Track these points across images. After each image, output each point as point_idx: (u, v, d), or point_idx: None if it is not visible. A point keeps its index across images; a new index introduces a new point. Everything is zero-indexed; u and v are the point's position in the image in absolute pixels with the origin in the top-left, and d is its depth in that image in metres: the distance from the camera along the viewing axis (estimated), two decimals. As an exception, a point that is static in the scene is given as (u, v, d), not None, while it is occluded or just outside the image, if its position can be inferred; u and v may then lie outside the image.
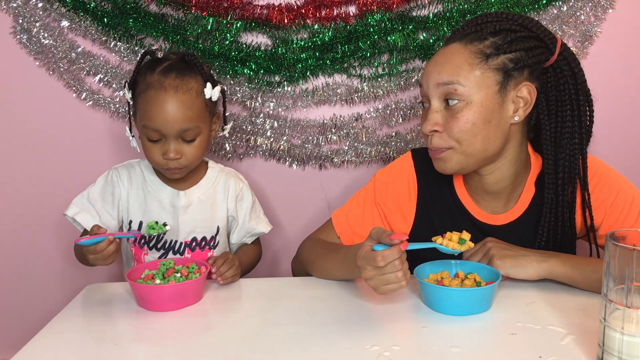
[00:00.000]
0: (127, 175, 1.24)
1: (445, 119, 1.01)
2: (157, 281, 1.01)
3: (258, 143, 1.52)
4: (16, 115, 1.51)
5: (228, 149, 1.53)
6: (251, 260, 1.31)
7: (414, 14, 1.46)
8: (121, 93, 1.48)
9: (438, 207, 1.14)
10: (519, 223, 1.10)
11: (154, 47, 1.45)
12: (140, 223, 1.22)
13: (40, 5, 1.44)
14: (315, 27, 1.45)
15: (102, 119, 1.50)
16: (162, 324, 0.93)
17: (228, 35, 1.44)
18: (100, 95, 1.49)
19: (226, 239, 1.30)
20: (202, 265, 1.06)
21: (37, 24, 1.44)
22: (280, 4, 1.44)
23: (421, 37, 1.46)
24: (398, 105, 1.51)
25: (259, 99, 1.50)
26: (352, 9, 1.46)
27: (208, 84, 1.16)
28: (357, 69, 1.49)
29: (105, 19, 1.43)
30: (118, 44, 1.46)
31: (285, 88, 1.50)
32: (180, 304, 0.99)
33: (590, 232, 1.07)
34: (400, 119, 1.51)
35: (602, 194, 1.05)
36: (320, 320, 0.92)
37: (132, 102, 1.18)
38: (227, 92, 1.48)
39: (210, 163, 1.30)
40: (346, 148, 1.53)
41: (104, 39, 1.45)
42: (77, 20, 1.44)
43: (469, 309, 0.93)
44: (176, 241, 1.23)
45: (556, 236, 1.07)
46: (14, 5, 1.44)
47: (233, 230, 1.31)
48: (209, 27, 1.44)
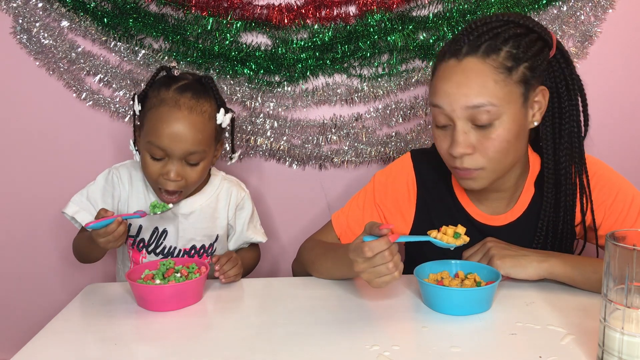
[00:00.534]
0: (128, 177, 1.23)
1: (476, 139, 0.97)
2: (157, 281, 1.01)
3: (258, 143, 1.52)
4: (16, 115, 1.51)
5: (228, 149, 1.53)
6: (249, 263, 1.30)
7: (414, 14, 1.46)
8: (121, 93, 1.48)
9: (437, 208, 1.14)
10: (519, 224, 1.10)
11: (154, 47, 1.46)
12: (140, 227, 1.21)
13: (40, 5, 1.44)
14: (315, 27, 1.45)
15: (102, 119, 1.50)
16: (162, 324, 0.93)
17: (228, 35, 1.44)
18: (100, 95, 1.49)
19: (225, 245, 1.29)
20: (202, 265, 1.06)
21: (37, 24, 1.44)
22: (280, 4, 1.44)
23: (421, 37, 1.46)
24: (398, 105, 1.51)
25: (259, 99, 1.50)
26: (352, 9, 1.46)
27: (221, 109, 1.15)
28: (357, 69, 1.49)
29: (105, 19, 1.43)
30: (118, 44, 1.46)
31: (285, 88, 1.50)
32: (180, 304, 0.99)
33: (589, 232, 1.07)
34: (400, 119, 1.51)
35: (602, 195, 1.05)
36: (320, 320, 0.92)
37: (139, 114, 1.15)
38: (227, 92, 1.48)
39: (213, 170, 1.28)
40: (346, 148, 1.53)
41: (104, 39, 1.45)
42: (77, 20, 1.44)
43: (469, 309, 0.93)
44: (175, 247, 1.23)
45: (555, 236, 1.07)
46: (14, 5, 1.44)
47: (230, 238, 1.30)
48: (209, 27, 1.44)
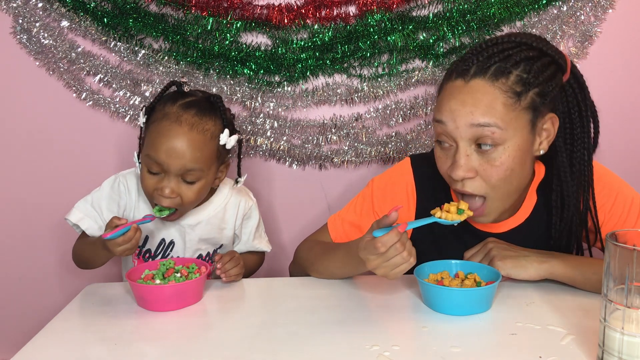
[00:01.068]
0: (135, 186, 1.20)
1: (479, 163, 0.94)
2: (157, 281, 1.01)
3: (258, 143, 1.52)
4: (16, 115, 1.51)
5: (228, 149, 1.53)
6: (251, 267, 1.29)
7: (414, 14, 1.46)
8: (121, 93, 1.48)
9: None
10: (521, 230, 1.09)
11: (154, 47, 1.46)
12: (147, 237, 1.19)
13: (40, 5, 1.44)
14: (315, 27, 1.45)
15: (102, 119, 1.50)
16: (162, 324, 0.93)
17: (228, 35, 1.44)
18: (100, 95, 1.49)
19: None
20: (202, 265, 1.06)
21: (37, 24, 1.44)
22: (280, 4, 1.44)
23: (421, 37, 1.46)
24: (398, 105, 1.51)
25: (259, 99, 1.50)
26: (352, 9, 1.46)
27: (226, 130, 1.12)
28: (357, 69, 1.49)
29: (105, 19, 1.43)
30: (118, 44, 1.46)
31: (285, 88, 1.50)
32: (180, 304, 0.99)
33: (590, 234, 1.06)
34: (400, 119, 1.51)
35: (601, 198, 1.04)
36: (320, 320, 0.92)
37: (144, 127, 1.14)
38: (227, 92, 1.48)
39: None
40: (346, 148, 1.53)
41: (104, 39, 1.45)
42: (77, 20, 1.44)
43: (469, 309, 0.93)
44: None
45: (570, 242, 1.06)
46: (14, 5, 1.44)
47: (234, 245, 1.29)
48: (209, 27, 1.44)
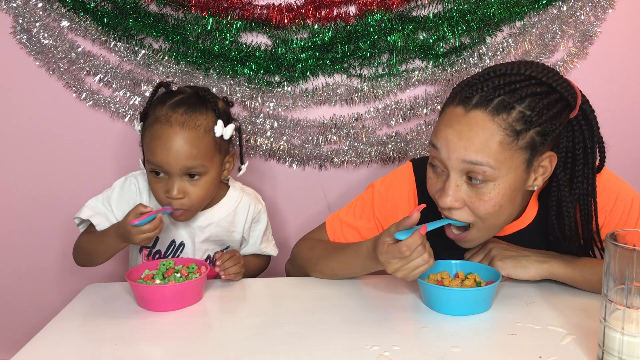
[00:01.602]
0: (147, 186, 1.19)
1: (468, 195, 0.93)
2: (157, 281, 1.01)
3: (258, 143, 1.52)
4: (16, 115, 1.51)
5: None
6: (255, 270, 1.29)
7: (414, 14, 1.46)
8: (121, 93, 1.48)
9: (439, 218, 1.12)
10: (522, 234, 1.08)
11: (154, 47, 1.46)
12: (157, 238, 1.19)
13: (40, 5, 1.44)
14: (315, 27, 1.45)
15: (102, 119, 1.50)
16: (162, 324, 0.93)
17: (228, 35, 1.44)
18: (100, 95, 1.49)
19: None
20: (202, 265, 1.06)
21: (37, 24, 1.44)
22: (280, 4, 1.44)
23: (421, 37, 1.46)
24: (398, 105, 1.51)
25: (259, 99, 1.50)
26: (352, 9, 1.46)
27: (219, 121, 1.10)
28: (357, 69, 1.49)
29: (105, 19, 1.43)
30: (118, 44, 1.46)
31: (285, 88, 1.49)
32: (180, 304, 0.99)
33: (595, 236, 1.05)
34: (400, 119, 1.51)
35: (602, 200, 1.03)
36: (320, 320, 0.92)
37: (141, 134, 1.14)
38: (227, 92, 1.48)
39: (231, 181, 1.26)
40: (346, 148, 1.53)
41: (104, 39, 1.45)
42: (77, 20, 1.44)
43: (469, 309, 0.93)
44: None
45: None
46: (14, 5, 1.43)
47: (241, 248, 1.28)
48: (209, 27, 1.44)
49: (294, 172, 1.56)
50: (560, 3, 1.45)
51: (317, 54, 1.46)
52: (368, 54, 1.46)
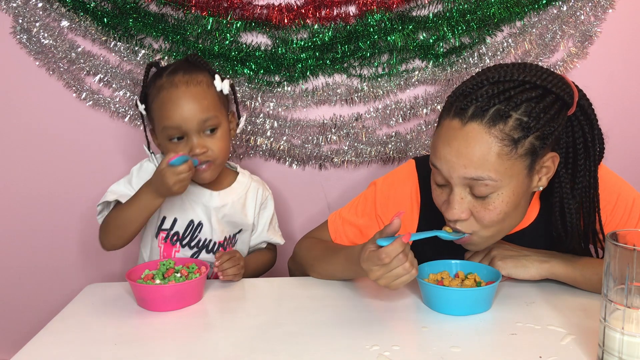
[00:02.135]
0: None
1: (473, 206, 0.93)
2: (157, 281, 1.01)
3: (258, 143, 1.52)
4: (16, 115, 1.51)
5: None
6: (261, 265, 1.30)
7: (414, 14, 1.46)
8: (121, 93, 1.48)
9: (440, 219, 1.12)
10: (523, 234, 1.08)
11: (154, 47, 1.46)
12: (175, 220, 1.21)
13: (40, 5, 1.44)
14: (315, 27, 1.45)
15: (102, 119, 1.50)
16: (162, 324, 0.93)
17: (228, 35, 1.44)
18: (100, 95, 1.49)
19: (247, 240, 1.30)
20: (202, 265, 1.06)
21: (37, 24, 1.44)
22: (280, 4, 1.44)
23: (421, 37, 1.46)
24: (398, 105, 1.51)
25: (259, 99, 1.50)
26: (352, 9, 1.46)
27: (217, 76, 1.18)
28: (357, 69, 1.49)
29: (105, 19, 1.43)
30: (118, 44, 1.46)
31: (285, 88, 1.50)
32: (180, 304, 0.99)
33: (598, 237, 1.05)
34: (400, 119, 1.51)
35: (603, 200, 1.02)
36: (320, 320, 0.92)
37: (146, 113, 1.18)
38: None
39: (239, 169, 1.31)
40: (346, 148, 1.53)
41: (104, 39, 1.45)
42: (77, 20, 1.44)
43: (469, 309, 0.93)
44: (211, 240, 1.23)
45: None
46: (14, 5, 1.43)
47: (252, 235, 1.30)
48: (209, 27, 1.44)
49: (294, 172, 1.56)
50: (560, 3, 1.45)
51: (317, 54, 1.46)
52: (368, 54, 1.46)
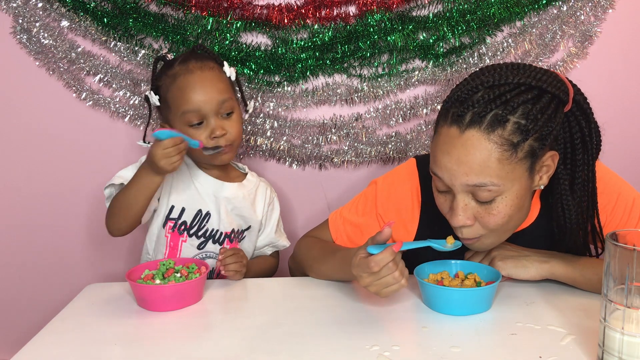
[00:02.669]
0: None
1: (477, 211, 0.93)
2: (157, 281, 1.01)
3: (258, 143, 1.52)
4: (16, 115, 1.50)
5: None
6: (264, 270, 1.30)
7: (414, 14, 1.46)
8: (121, 93, 1.48)
9: (441, 218, 1.08)
10: (524, 234, 1.07)
11: (154, 47, 1.46)
12: (183, 209, 1.22)
13: (40, 5, 1.44)
14: (315, 27, 1.45)
15: (102, 119, 1.50)
16: (162, 324, 0.93)
17: (228, 35, 1.44)
18: (100, 95, 1.49)
19: (255, 238, 1.31)
20: (202, 265, 1.06)
21: (37, 24, 1.44)
22: (280, 4, 1.44)
23: (421, 37, 1.46)
24: (398, 105, 1.51)
25: (259, 99, 1.50)
26: (352, 9, 1.45)
27: (225, 63, 1.24)
28: (357, 69, 1.49)
29: (105, 19, 1.43)
30: (118, 44, 1.46)
31: (285, 88, 1.50)
32: (180, 304, 0.99)
33: (598, 238, 1.05)
34: (400, 119, 1.51)
35: (602, 200, 1.02)
36: (320, 320, 0.92)
37: (159, 103, 1.21)
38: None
39: (247, 169, 1.34)
40: (346, 148, 1.53)
41: (104, 39, 1.45)
42: (77, 20, 1.44)
43: (469, 309, 0.93)
44: (218, 230, 1.24)
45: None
46: (14, 5, 1.43)
47: (260, 234, 1.32)
48: (209, 27, 1.44)
49: (294, 172, 1.56)
50: (560, 3, 1.45)
51: (317, 54, 1.46)
52: (368, 54, 1.46)
